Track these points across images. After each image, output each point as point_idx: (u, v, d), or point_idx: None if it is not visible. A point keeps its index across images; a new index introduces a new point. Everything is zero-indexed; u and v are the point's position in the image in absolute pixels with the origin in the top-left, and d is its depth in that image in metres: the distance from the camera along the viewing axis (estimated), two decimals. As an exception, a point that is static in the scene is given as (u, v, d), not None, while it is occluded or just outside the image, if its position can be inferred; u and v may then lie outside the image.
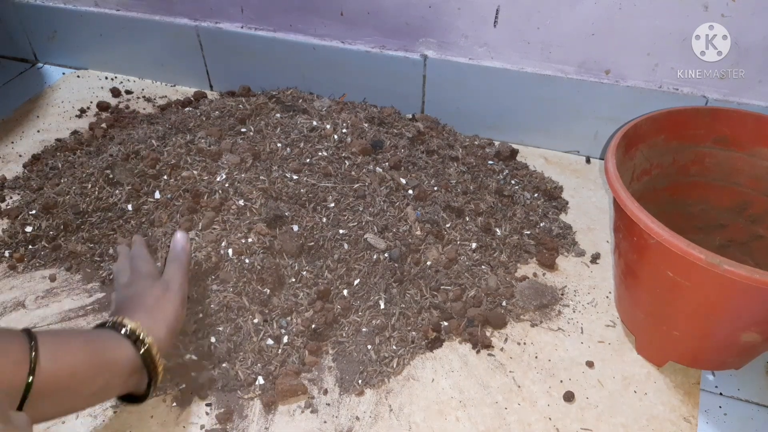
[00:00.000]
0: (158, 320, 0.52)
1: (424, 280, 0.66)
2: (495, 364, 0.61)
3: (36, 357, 0.43)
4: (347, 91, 0.93)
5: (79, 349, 0.46)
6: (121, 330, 0.50)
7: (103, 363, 0.47)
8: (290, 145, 0.75)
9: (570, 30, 0.78)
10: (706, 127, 0.64)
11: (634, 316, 0.63)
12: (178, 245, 0.61)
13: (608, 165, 0.56)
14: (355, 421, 0.56)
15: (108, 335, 0.49)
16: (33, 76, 1.10)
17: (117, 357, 0.48)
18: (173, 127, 0.82)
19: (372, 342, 0.61)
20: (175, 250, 0.60)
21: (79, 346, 0.46)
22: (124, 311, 0.52)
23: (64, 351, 0.45)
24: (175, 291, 0.56)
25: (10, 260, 0.72)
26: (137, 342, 0.50)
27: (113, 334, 0.50)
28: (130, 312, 0.52)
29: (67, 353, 0.45)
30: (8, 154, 0.90)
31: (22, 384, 0.41)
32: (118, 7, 1.00)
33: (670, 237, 0.48)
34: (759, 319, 0.51)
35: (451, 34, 0.84)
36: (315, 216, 0.68)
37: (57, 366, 0.44)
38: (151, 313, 0.53)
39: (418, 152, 0.79)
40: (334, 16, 0.88)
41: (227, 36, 0.95)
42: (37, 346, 0.43)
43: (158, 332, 0.52)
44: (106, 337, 0.49)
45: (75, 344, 0.46)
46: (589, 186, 0.84)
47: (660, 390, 0.59)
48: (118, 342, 0.49)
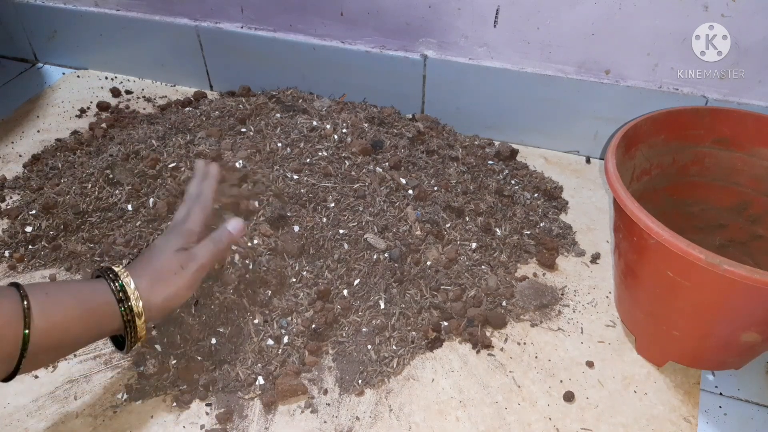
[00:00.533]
0: (158, 293, 0.51)
1: (424, 280, 0.66)
2: (495, 364, 0.62)
3: (29, 313, 0.43)
4: (347, 91, 0.93)
5: (70, 306, 0.46)
6: (115, 284, 0.49)
7: (93, 318, 0.47)
8: (290, 145, 0.75)
9: (570, 30, 0.78)
10: (706, 127, 0.64)
11: (634, 316, 0.63)
12: (231, 230, 0.58)
13: (608, 165, 0.56)
14: (355, 421, 0.56)
15: (98, 289, 0.49)
16: (33, 76, 1.10)
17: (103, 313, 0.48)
18: (173, 127, 0.82)
19: (372, 342, 0.61)
20: (223, 231, 0.58)
21: (69, 301, 0.46)
22: (135, 266, 0.52)
23: (56, 307, 0.45)
24: (192, 272, 0.54)
25: (10, 260, 0.72)
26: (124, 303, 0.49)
27: (104, 288, 0.49)
28: (138, 270, 0.52)
29: (58, 310, 0.45)
30: (8, 154, 0.90)
31: (18, 340, 0.42)
32: (118, 7, 1.00)
33: (670, 237, 0.48)
34: (759, 319, 0.51)
35: (451, 34, 0.84)
36: (315, 216, 0.68)
37: (50, 323, 0.44)
38: (156, 283, 0.52)
39: (418, 152, 0.79)
40: (334, 16, 0.88)
41: (227, 36, 0.95)
42: (30, 303, 0.44)
43: (153, 302, 0.51)
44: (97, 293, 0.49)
45: (66, 300, 0.46)
46: (589, 186, 0.84)
47: (660, 390, 0.59)
48: (106, 300, 0.49)
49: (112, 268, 0.51)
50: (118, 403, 0.57)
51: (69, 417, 0.57)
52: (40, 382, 0.60)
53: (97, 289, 0.49)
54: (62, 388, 0.59)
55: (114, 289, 0.49)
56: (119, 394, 0.58)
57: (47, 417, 0.57)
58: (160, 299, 0.52)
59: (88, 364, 0.61)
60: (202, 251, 0.56)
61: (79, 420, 0.56)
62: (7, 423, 0.56)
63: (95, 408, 0.57)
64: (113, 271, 0.51)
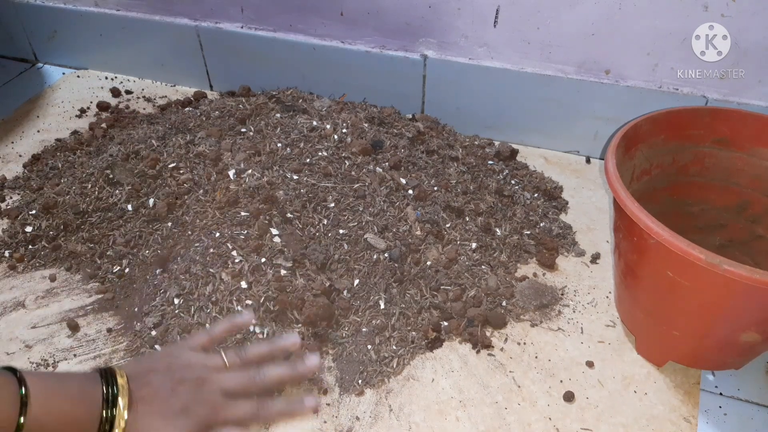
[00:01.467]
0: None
1: (424, 280, 0.66)
2: (495, 364, 0.61)
3: (27, 398, 0.40)
4: (347, 91, 0.93)
5: (66, 398, 0.43)
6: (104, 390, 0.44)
7: (84, 415, 0.43)
8: (290, 145, 0.75)
9: (570, 30, 0.78)
10: (706, 127, 0.64)
11: (634, 316, 0.63)
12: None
13: (608, 165, 0.56)
14: (355, 421, 0.56)
15: (91, 386, 0.44)
16: (33, 76, 1.10)
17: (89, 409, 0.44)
18: (173, 127, 0.82)
19: (372, 342, 0.61)
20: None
21: (66, 393, 0.43)
22: (142, 382, 0.46)
23: (52, 397, 0.42)
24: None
25: (10, 260, 0.72)
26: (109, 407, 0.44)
27: (96, 394, 0.44)
28: (143, 389, 0.46)
29: (55, 401, 0.42)
30: (8, 154, 0.90)
31: (12, 427, 0.40)
32: (118, 7, 1.00)
33: (670, 237, 0.48)
34: (759, 319, 0.51)
35: (451, 34, 0.84)
36: (315, 216, 0.68)
37: (45, 412, 0.42)
38: (149, 415, 0.45)
39: (418, 152, 0.79)
40: (334, 16, 0.88)
41: (227, 36, 0.95)
42: (28, 389, 0.41)
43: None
44: (89, 389, 0.44)
45: (62, 391, 0.43)
46: (589, 186, 0.84)
47: (660, 390, 0.59)
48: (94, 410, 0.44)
49: (107, 370, 0.45)
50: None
51: (69, 417, 0.56)
52: (40, 382, 0.59)
53: (90, 387, 0.44)
54: (62, 388, 0.59)
55: (104, 395, 0.44)
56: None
57: (47, 417, 0.57)
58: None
59: (88, 364, 0.61)
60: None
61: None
62: (7, 423, 0.56)
63: (95, 408, 0.57)
64: (113, 375, 0.45)
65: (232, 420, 0.48)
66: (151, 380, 0.47)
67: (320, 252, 0.64)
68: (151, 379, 0.47)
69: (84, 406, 0.44)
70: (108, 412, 0.44)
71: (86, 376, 0.46)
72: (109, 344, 0.63)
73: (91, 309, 0.67)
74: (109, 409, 0.44)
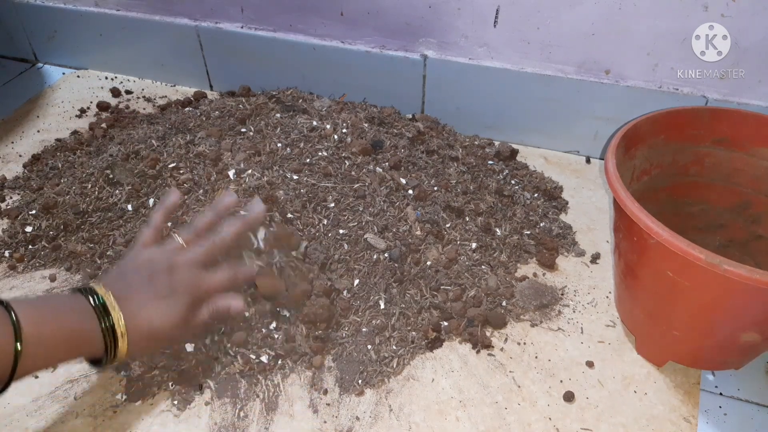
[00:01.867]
0: (143, 318, 0.48)
1: (424, 280, 0.66)
2: (495, 364, 0.62)
3: (19, 323, 0.41)
4: (347, 91, 0.93)
5: (58, 316, 0.44)
6: (92, 300, 0.47)
7: (77, 338, 0.45)
8: (290, 145, 0.75)
9: (570, 30, 0.78)
10: (706, 127, 0.64)
11: (634, 316, 0.63)
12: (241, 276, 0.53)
13: (608, 165, 0.56)
14: (355, 421, 0.56)
15: (80, 309, 0.46)
16: (33, 76, 1.10)
17: (86, 336, 0.46)
18: (173, 127, 0.82)
19: (372, 342, 0.61)
20: (237, 275, 0.53)
21: (56, 311, 0.45)
22: (121, 285, 0.48)
23: (43, 318, 0.43)
24: (182, 308, 0.50)
25: (10, 260, 0.72)
26: (104, 321, 0.46)
27: (85, 307, 0.46)
28: (124, 290, 0.48)
29: (47, 321, 0.44)
30: (8, 154, 0.90)
31: (9, 356, 0.41)
32: (118, 7, 1.00)
33: (670, 237, 0.48)
34: (759, 319, 0.51)
35: (451, 34, 0.84)
36: (315, 216, 0.68)
37: (39, 332, 0.43)
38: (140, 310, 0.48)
39: (418, 152, 0.79)
40: (334, 16, 0.88)
41: (227, 36, 0.95)
42: (17, 314, 0.42)
43: (138, 329, 0.48)
44: (79, 312, 0.46)
45: (52, 310, 0.45)
46: (589, 186, 0.84)
47: (660, 390, 0.59)
48: (88, 321, 0.46)
49: (87, 288, 0.48)
50: (118, 403, 0.57)
51: (69, 417, 0.57)
52: (40, 382, 0.60)
53: (77, 304, 0.47)
54: (62, 388, 0.59)
55: (93, 304, 0.47)
56: (119, 395, 0.58)
57: (47, 417, 0.57)
58: (146, 328, 0.48)
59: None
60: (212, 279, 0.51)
61: (79, 420, 0.56)
62: (7, 423, 0.56)
63: (95, 408, 0.57)
64: (94, 294, 0.48)
65: (214, 287, 0.52)
66: (127, 282, 0.49)
67: (320, 252, 0.64)
68: (127, 281, 0.49)
69: (77, 318, 0.45)
70: (104, 321, 0.46)
71: (69, 296, 0.48)
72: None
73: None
74: (102, 318, 0.46)
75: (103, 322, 0.46)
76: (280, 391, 0.58)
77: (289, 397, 0.58)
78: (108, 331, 0.47)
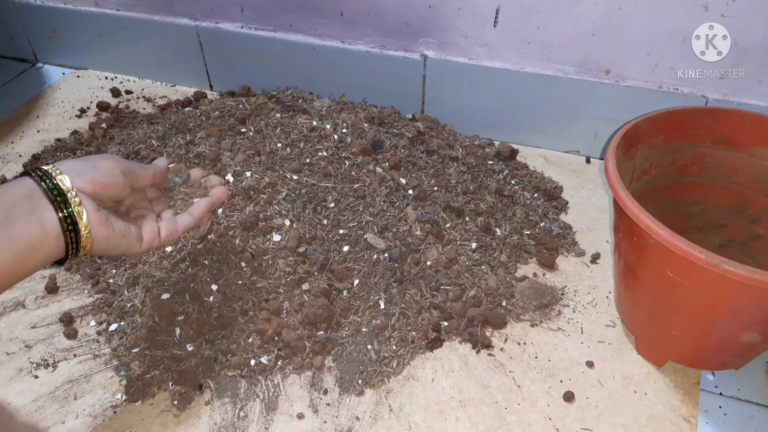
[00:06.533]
0: (87, 170, 0.46)
1: (424, 280, 0.66)
2: (495, 364, 0.62)
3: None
4: (347, 91, 0.93)
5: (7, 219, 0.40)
6: (45, 183, 0.43)
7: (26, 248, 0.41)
8: (290, 145, 0.75)
9: (570, 30, 0.78)
10: (706, 127, 0.64)
11: (634, 316, 0.63)
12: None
13: (608, 165, 0.56)
14: (355, 421, 0.56)
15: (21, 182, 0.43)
16: (33, 76, 1.10)
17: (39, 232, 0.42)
18: (173, 127, 0.82)
19: (372, 342, 0.61)
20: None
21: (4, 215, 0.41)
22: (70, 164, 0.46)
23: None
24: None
25: (10, 260, 0.72)
26: (60, 204, 0.43)
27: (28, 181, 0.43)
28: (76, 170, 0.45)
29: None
30: (8, 154, 0.90)
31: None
32: (118, 7, 1.00)
33: (670, 237, 0.48)
34: (759, 319, 0.51)
35: (451, 34, 0.84)
36: (315, 216, 0.68)
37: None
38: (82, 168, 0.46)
39: (418, 152, 0.79)
40: (334, 16, 0.88)
41: (227, 36, 0.95)
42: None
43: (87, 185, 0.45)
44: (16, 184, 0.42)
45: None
46: (589, 186, 0.84)
47: (660, 390, 0.59)
48: (40, 211, 0.42)
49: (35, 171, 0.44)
50: (118, 403, 0.57)
51: (69, 417, 0.57)
52: (40, 382, 0.60)
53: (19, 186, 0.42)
54: (62, 388, 0.59)
55: (46, 187, 0.43)
56: (119, 395, 0.58)
57: (47, 417, 0.57)
58: (93, 175, 0.45)
59: (88, 364, 0.61)
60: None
61: (79, 420, 0.56)
62: (7, 423, 0.56)
63: (95, 408, 0.57)
64: (44, 178, 0.44)
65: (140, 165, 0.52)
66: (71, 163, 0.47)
67: (320, 252, 0.64)
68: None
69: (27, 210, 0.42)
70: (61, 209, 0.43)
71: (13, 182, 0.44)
72: (109, 343, 0.63)
73: (91, 309, 0.67)
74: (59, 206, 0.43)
75: (60, 211, 0.43)
76: (280, 391, 0.58)
77: (289, 397, 0.58)
78: (64, 220, 0.43)
